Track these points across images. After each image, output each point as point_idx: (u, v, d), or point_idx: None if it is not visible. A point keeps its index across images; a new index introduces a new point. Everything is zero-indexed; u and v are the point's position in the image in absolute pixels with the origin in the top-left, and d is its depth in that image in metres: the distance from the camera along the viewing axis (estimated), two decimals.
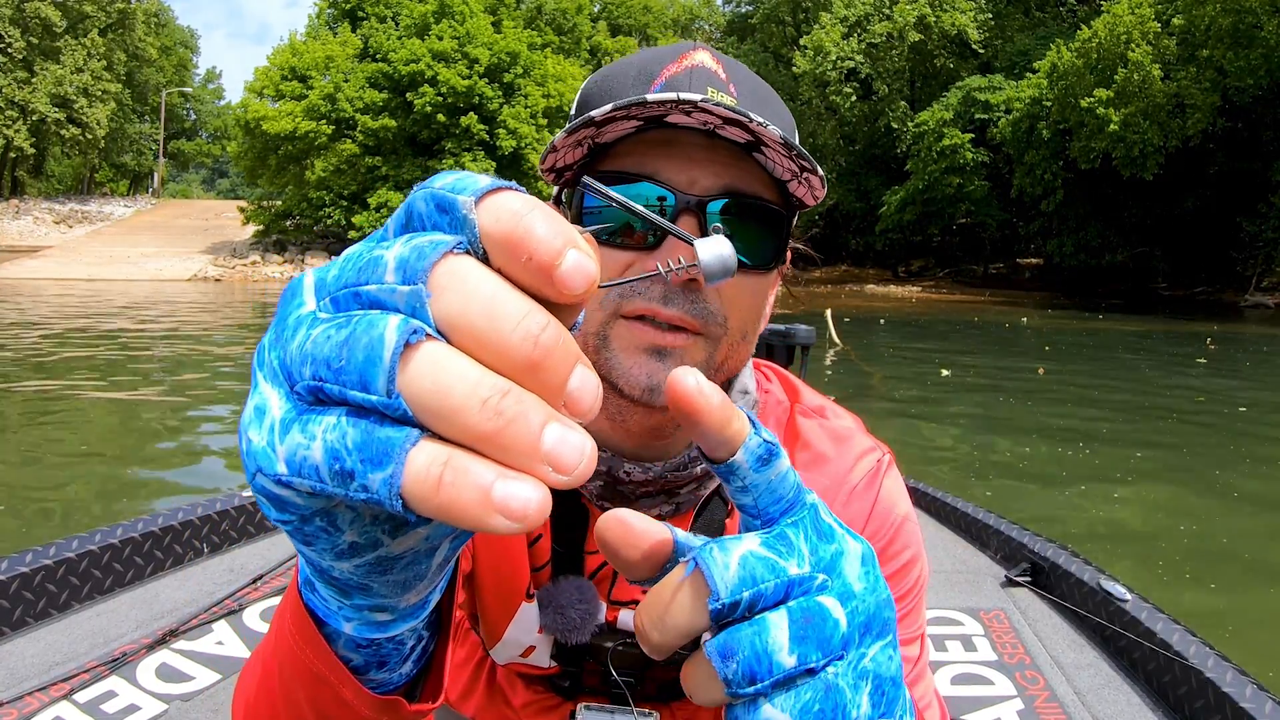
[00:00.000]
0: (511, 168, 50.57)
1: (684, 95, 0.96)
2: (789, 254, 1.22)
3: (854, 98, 53.66)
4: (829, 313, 18.71)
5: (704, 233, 1.04)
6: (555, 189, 1.20)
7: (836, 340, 18.40)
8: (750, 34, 68.87)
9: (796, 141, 1.05)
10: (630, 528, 0.61)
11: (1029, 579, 3.64)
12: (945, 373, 15.70)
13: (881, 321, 30.04)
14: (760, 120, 0.98)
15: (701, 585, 0.57)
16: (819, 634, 0.57)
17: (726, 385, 1.25)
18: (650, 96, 0.97)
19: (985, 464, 8.92)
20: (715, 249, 0.55)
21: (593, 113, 1.00)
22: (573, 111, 1.17)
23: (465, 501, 0.41)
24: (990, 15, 54.35)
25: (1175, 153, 42.33)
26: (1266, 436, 10.72)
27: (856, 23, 53.36)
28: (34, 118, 62.92)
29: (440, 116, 49.74)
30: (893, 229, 53.42)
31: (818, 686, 0.57)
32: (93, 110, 65.37)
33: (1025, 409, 12.56)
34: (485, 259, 0.45)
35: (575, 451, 0.42)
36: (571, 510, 1.27)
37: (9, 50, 61.46)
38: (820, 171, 1.05)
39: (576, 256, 0.44)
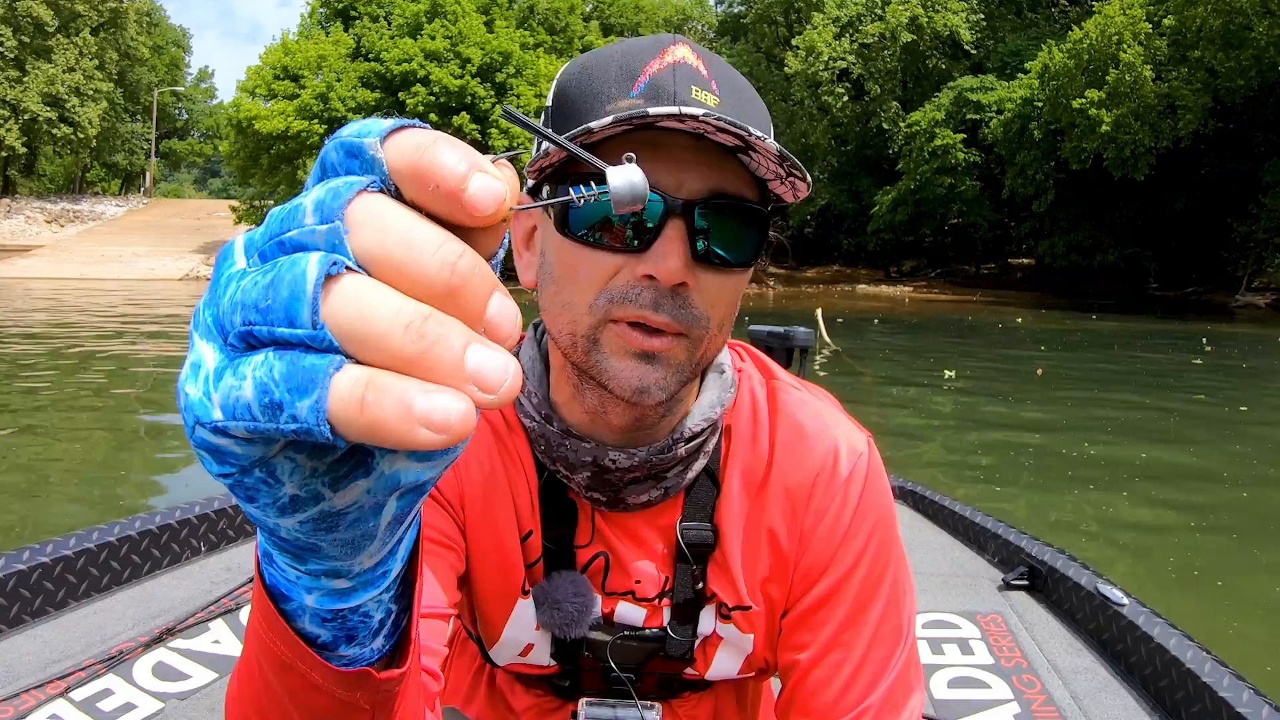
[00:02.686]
0: None
1: (685, 110, 0.97)
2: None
3: (846, 98, 53.63)
4: (819, 313, 18.72)
5: (692, 236, 1.05)
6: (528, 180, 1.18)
7: (828, 340, 18.41)
8: (743, 34, 68.80)
9: (771, 134, 1.07)
10: None
11: (1026, 583, 3.65)
12: (949, 374, 15.65)
13: (875, 321, 30.07)
14: (759, 134, 0.99)
15: None
16: None
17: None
18: (652, 111, 0.97)
19: (983, 466, 8.93)
20: (626, 176, 0.55)
21: (591, 125, 0.99)
22: (549, 103, 1.16)
23: (389, 417, 0.41)
24: (982, 16, 54.35)
25: (1166, 154, 42.40)
26: (1270, 437, 10.73)
27: (849, 23, 53.33)
28: (26, 117, 62.73)
29: (432, 116, 49.66)
30: (884, 229, 53.40)
31: None
32: (85, 109, 65.20)
33: (1024, 409, 12.58)
34: (399, 197, 0.46)
35: (499, 369, 0.43)
36: (560, 505, 1.29)
37: (1, 49, 61.31)
38: (808, 178, 1.07)
39: (482, 179, 0.45)
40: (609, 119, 0.99)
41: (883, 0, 52.99)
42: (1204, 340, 23.63)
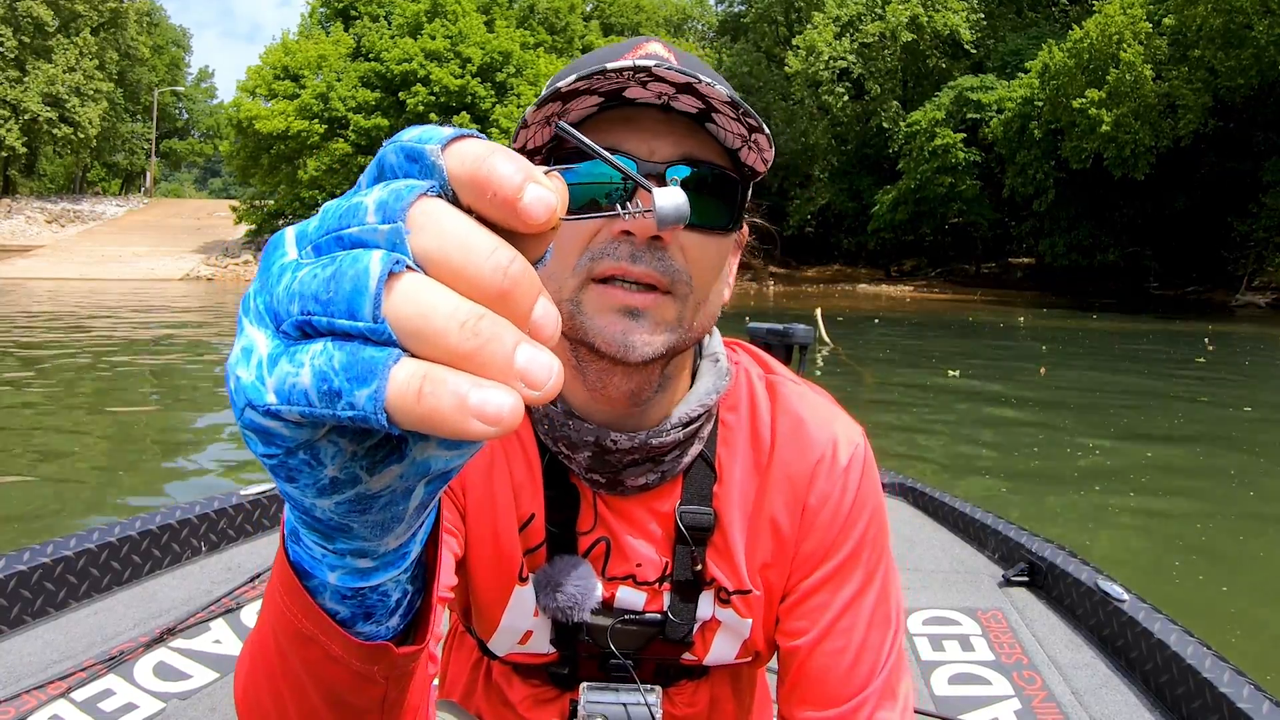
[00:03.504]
0: None
1: (639, 62, 1.03)
2: (745, 228, 1.30)
3: (846, 97, 53.68)
4: (818, 312, 18.72)
5: None
6: None
7: (826, 339, 18.40)
8: (743, 34, 68.78)
9: (754, 113, 1.10)
10: None
11: (1026, 579, 3.65)
12: (953, 373, 15.59)
13: (876, 321, 30.06)
14: (708, 80, 1.04)
15: None
16: None
17: (697, 350, 1.35)
18: (610, 65, 1.04)
19: (985, 464, 8.92)
20: (671, 197, 0.58)
21: (558, 83, 1.08)
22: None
23: (445, 409, 0.43)
24: (982, 15, 54.39)
25: (1166, 153, 42.43)
26: (1274, 436, 10.70)
27: (849, 22, 53.37)
28: (26, 117, 62.73)
29: (433, 116, 49.64)
30: (885, 228, 53.45)
31: None
32: (85, 109, 65.18)
33: (1027, 409, 12.54)
34: (455, 202, 0.48)
35: (545, 368, 0.45)
36: (564, 491, 1.32)
37: (1, 49, 61.30)
38: (767, 130, 1.11)
39: (537, 189, 0.47)
40: (571, 76, 1.06)
41: (883, 0, 53.00)
42: (1205, 339, 23.63)
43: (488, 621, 1.37)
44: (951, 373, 15.63)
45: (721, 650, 1.39)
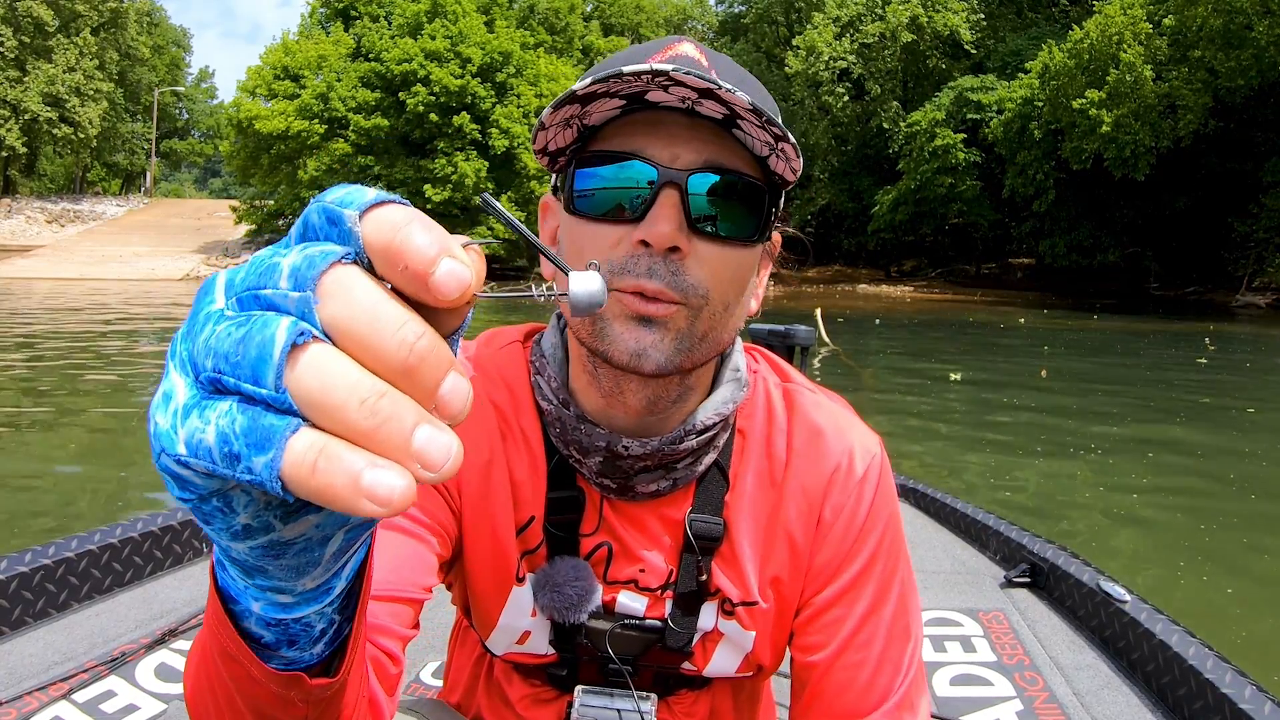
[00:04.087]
0: (504, 167, 50.54)
1: (656, 65, 0.99)
2: (777, 236, 1.28)
3: (846, 98, 53.64)
4: (818, 313, 18.66)
5: (685, 204, 1.08)
6: (553, 177, 1.24)
7: (826, 340, 18.37)
8: (743, 34, 68.76)
9: (779, 118, 1.07)
10: None
11: (1028, 580, 3.65)
12: (955, 376, 15.55)
13: (877, 321, 30.04)
14: (729, 87, 1.00)
15: None
16: None
17: (720, 362, 1.32)
18: (626, 69, 1.00)
19: (986, 464, 8.92)
20: (585, 284, 0.59)
21: (574, 86, 1.04)
22: None
23: (337, 485, 0.44)
24: (982, 16, 54.37)
25: (1167, 153, 42.41)
26: (1277, 437, 10.68)
27: (849, 23, 53.31)
28: (26, 117, 62.75)
29: (433, 116, 49.68)
30: (885, 229, 53.41)
31: None
32: (85, 109, 65.19)
33: (1029, 410, 12.54)
34: (373, 269, 0.48)
35: (443, 450, 0.46)
36: (567, 491, 1.30)
37: (1, 49, 61.30)
38: (792, 139, 1.07)
39: (450, 264, 0.46)
40: (587, 79, 1.03)
41: (883, 0, 52.97)
42: (1206, 340, 23.60)
43: (486, 620, 1.36)
44: (954, 376, 15.61)
45: (722, 662, 1.37)
